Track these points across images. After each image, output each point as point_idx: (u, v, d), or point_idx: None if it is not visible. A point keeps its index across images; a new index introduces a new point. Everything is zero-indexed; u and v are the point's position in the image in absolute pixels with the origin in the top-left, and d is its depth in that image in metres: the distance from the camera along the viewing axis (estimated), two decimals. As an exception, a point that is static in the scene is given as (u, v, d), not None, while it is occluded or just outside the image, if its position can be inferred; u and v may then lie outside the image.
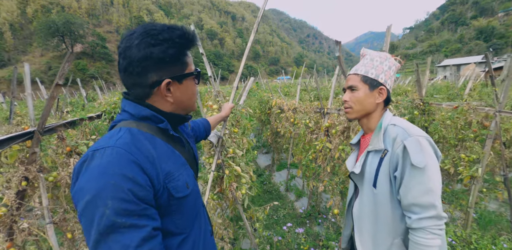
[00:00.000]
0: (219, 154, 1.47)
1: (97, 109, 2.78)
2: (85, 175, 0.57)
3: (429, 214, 0.84)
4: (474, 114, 2.93)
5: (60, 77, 1.63)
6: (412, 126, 0.95)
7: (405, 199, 0.88)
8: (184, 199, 0.72)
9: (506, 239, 2.74)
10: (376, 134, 1.00)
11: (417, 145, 0.87)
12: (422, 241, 0.84)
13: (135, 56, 0.65)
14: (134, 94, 0.73)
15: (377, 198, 0.96)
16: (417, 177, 0.85)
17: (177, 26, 0.71)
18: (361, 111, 1.05)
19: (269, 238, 2.21)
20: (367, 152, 1.02)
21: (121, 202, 0.55)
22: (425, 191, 0.85)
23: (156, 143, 0.71)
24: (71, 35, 59.38)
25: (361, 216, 1.04)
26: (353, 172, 1.04)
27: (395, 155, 0.90)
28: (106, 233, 0.54)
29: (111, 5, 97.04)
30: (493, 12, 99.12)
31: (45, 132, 1.80)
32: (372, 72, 1.02)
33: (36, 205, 1.80)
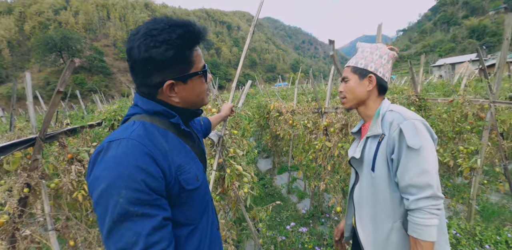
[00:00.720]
0: (220, 153, 1.49)
1: (97, 117, 2.82)
2: (100, 165, 0.60)
3: (425, 194, 0.87)
4: (469, 107, 2.97)
5: (61, 84, 1.67)
6: (408, 110, 1.00)
7: (402, 180, 0.91)
8: (194, 191, 0.74)
9: (510, 229, 2.74)
10: (374, 120, 1.04)
11: (412, 127, 0.90)
12: (420, 221, 0.86)
13: (137, 58, 0.67)
14: (142, 93, 0.75)
15: (375, 181, 0.99)
16: (413, 159, 0.88)
17: (181, 23, 0.69)
18: (354, 99, 1.11)
19: (273, 238, 2.20)
20: (366, 137, 1.06)
21: (135, 192, 0.57)
22: (421, 172, 0.87)
23: (168, 137, 0.73)
24: (69, 50, 60.16)
25: (361, 201, 1.07)
26: (353, 157, 1.08)
27: (392, 138, 0.94)
28: (120, 221, 0.56)
29: (108, 20, 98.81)
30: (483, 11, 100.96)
31: (46, 139, 1.83)
32: (362, 62, 1.09)
33: (38, 212, 1.81)
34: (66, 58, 62.79)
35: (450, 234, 2.61)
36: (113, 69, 76.37)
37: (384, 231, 0.98)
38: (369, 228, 1.03)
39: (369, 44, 1.15)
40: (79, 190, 1.99)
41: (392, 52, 1.10)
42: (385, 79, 1.08)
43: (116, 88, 69.81)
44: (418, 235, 0.87)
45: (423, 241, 0.86)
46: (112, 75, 73.90)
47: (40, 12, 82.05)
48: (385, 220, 0.98)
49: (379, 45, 1.11)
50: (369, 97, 1.09)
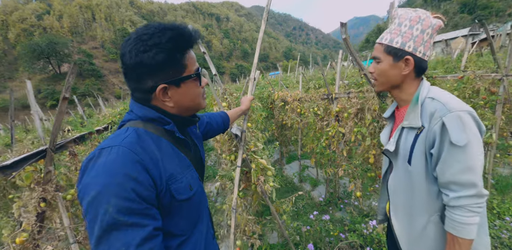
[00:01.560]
0: (243, 148, 1.43)
1: (102, 121, 2.74)
2: (91, 172, 0.59)
3: (469, 193, 0.80)
4: (481, 82, 2.90)
5: (67, 90, 1.59)
6: (453, 98, 0.87)
7: (442, 176, 0.84)
8: (187, 201, 0.72)
9: None
10: (412, 108, 0.92)
11: (457, 121, 0.80)
12: (461, 219, 0.81)
13: (129, 63, 0.66)
14: (137, 98, 0.74)
15: (412, 174, 0.92)
16: (456, 155, 0.80)
17: (172, 27, 0.68)
18: (387, 83, 0.99)
19: (298, 229, 2.18)
20: (402, 127, 0.96)
21: (124, 201, 0.56)
22: (464, 169, 0.80)
23: (162, 144, 0.71)
24: (57, 55, 58.89)
25: (396, 191, 1.01)
26: (387, 150, 0.99)
27: (432, 132, 0.84)
28: (109, 230, 0.55)
29: (94, 21, 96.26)
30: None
31: (57, 149, 1.76)
32: (398, 40, 0.91)
33: (57, 226, 1.77)
34: (55, 64, 61.73)
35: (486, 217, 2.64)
36: (104, 71, 75.22)
37: (420, 224, 0.93)
38: (404, 220, 0.98)
39: (407, 13, 0.93)
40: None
41: (438, 23, 0.91)
42: (425, 58, 0.92)
43: (109, 90, 69.05)
44: (457, 232, 0.82)
45: (461, 238, 0.82)
46: (104, 78, 72.88)
47: (22, 19, 79.75)
48: (421, 213, 0.93)
49: (421, 15, 0.91)
50: (404, 81, 0.96)
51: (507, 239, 2.26)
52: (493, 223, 2.50)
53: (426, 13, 0.91)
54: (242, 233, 1.85)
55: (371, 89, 2.13)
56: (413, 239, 0.96)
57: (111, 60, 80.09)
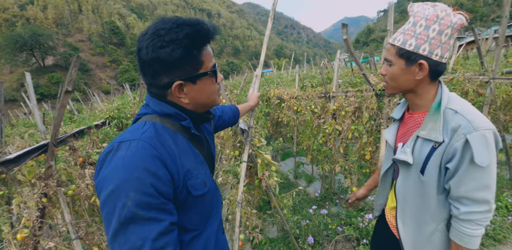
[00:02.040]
0: (249, 144, 1.46)
1: (100, 117, 2.70)
2: (109, 165, 0.59)
3: (481, 209, 0.82)
4: (469, 84, 3.03)
5: (69, 84, 1.56)
6: (476, 114, 0.82)
7: (456, 191, 0.83)
8: (201, 197, 0.73)
9: (509, 195, 2.96)
10: (432, 118, 0.86)
11: (483, 141, 0.77)
12: (469, 232, 0.83)
13: (145, 59, 0.65)
14: (152, 93, 0.73)
15: (424, 184, 0.90)
16: (474, 174, 0.79)
17: (190, 22, 0.66)
18: (398, 88, 0.93)
19: (297, 223, 2.25)
20: (417, 136, 0.90)
21: (143, 195, 0.56)
22: (480, 187, 0.80)
23: (178, 140, 0.71)
24: (40, 48, 56.58)
25: (405, 196, 0.98)
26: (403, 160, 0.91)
27: (453, 148, 0.80)
28: (126, 224, 0.55)
29: (80, 13, 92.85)
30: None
31: (57, 143, 1.73)
32: (411, 42, 0.83)
33: (59, 222, 1.75)
34: (39, 56, 59.37)
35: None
36: (91, 65, 72.95)
37: (427, 231, 0.94)
38: (411, 226, 0.98)
39: (427, 10, 0.82)
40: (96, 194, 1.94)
41: (459, 22, 0.80)
42: (443, 61, 0.84)
43: (96, 85, 67.11)
44: (464, 243, 0.85)
45: (466, 248, 0.85)
46: (91, 72, 70.74)
47: (4, 8, 75.94)
48: (429, 221, 0.93)
49: (439, 13, 0.79)
50: (419, 85, 0.89)
51: (491, 230, 2.41)
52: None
53: (446, 10, 0.80)
54: (244, 227, 1.89)
55: (370, 89, 2.21)
56: (418, 244, 0.97)
57: (98, 54, 77.72)
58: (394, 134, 1.06)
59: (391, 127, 1.10)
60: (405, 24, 0.88)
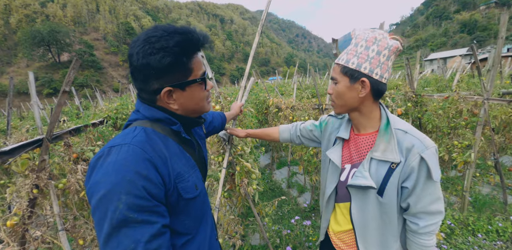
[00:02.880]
0: (230, 151, 1.53)
1: (99, 115, 2.81)
2: (100, 170, 0.59)
3: (436, 220, 0.88)
4: (464, 103, 3.06)
5: (67, 84, 1.66)
6: (422, 134, 0.89)
7: (414, 208, 0.88)
8: (192, 200, 0.74)
9: (501, 219, 2.90)
10: (384, 139, 0.90)
11: (434, 158, 0.84)
12: (427, 243, 0.90)
13: (136, 65, 0.67)
14: (143, 98, 0.76)
15: (383, 206, 0.92)
16: (430, 189, 0.86)
17: (181, 30, 0.68)
18: (345, 106, 0.95)
19: (279, 232, 2.27)
20: (371, 158, 0.92)
21: (135, 198, 0.57)
22: (434, 200, 0.87)
23: (169, 144, 0.73)
24: (57, 44, 58.37)
25: (365, 223, 0.97)
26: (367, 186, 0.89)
27: (410, 167, 0.85)
28: (119, 227, 0.55)
29: (97, 12, 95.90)
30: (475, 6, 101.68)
31: (53, 139, 1.83)
32: (354, 61, 0.88)
33: (47, 213, 1.83)
34: (55, 52, 61.13)
35: (445, 224, 2.74)
36: (104, 63, 74.67)
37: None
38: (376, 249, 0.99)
39: (365, 33, 0.90)
40: (86, 189, 2.02)
41: (394, 45, 0.87)
42: (383, 81, 0.88)
43: (108, 83, 68.49)
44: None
45: None
46: (103, 70, 72.32)
47: (26, 4, 79.01)
48: (393, 241, 0.96)
49: (377, 36, 0.87)
50: (363, 104, 0.93)
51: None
52: (466, 239, 2.60)
53: (383, 34, 0.88)
54: (225, 232, 1.93)
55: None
56: None
57: (112, 53, 79.60)
58: (340, 155, 1.04)
59: (335, 148, 1.07)
60: (348, 46, 0.93)
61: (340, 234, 1.09)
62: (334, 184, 1.06)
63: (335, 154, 1.05)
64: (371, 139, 0.96)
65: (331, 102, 1.01)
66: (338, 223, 1.09)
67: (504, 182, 3.17)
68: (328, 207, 1.12)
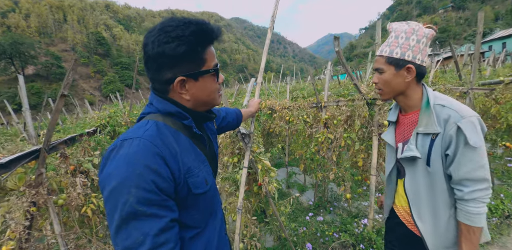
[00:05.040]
0: (250, 149, 1.48)
1: (90, 124, 2.63)
2: (113, 162, 0.61)
3: (481, 186, 0.93)
4: (450, 95, 3.24)
5: (65, 87, 1.55)
6: (460, 105, 0.97)
7: (456, 174, 0.94)
8: (202, 195, 0.74)
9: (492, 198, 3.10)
10: (425, 115, 1.00)
11: (472, 126, 0.90)
12: (474, 210, 0.93)
13: (151, 53, 0.67)
14: (155, 89, 0.75)
15: (432, 175, 1.00)
16: (470, 155, 0.91)
17: (196, 21, 0.70)
18: (392, 92, 1.06)
19: (295, 230, 2.23)
20: (416, 133, 1.02)
21: (144, 191, 0.58)
22: (477, 167, 0.92)
23: (180, 138, 0.73)
24: (21, 56, 54.72)
25: (417, 193, 1.05)
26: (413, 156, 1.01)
27: (448, 136, 0.93)
28: (128, 219, 0.57)
29: (65, 22, 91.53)
30: (434, 10, 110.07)
31: (50, 149, 1.68)
32: (397, 51, 1.00)
33: (48, 233, 1.65)
34: (18, 65, 57.29)
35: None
36: (74, 75, 71.02)
37: (444, 219, 1.02)
38: (429, 219, 1.04)
39: (402, 26, 1.02)
40: (88, 204, 1.86)
41: (431, 32, 1.00)
42: (423, 64, 1.01)
43: (79, 96, 65.07)
44: (471, 222, 0.94)
45: (474, 227, 0.94)
46: (74, 82, 68.80)
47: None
48: (444, 209, 1.01)
49: (414, 27, 1.00)
50: (409, 87, 1.04)
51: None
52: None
53: (419, 25, 1.01)
54: (242, 236, 1.86)
55: (361, 98, 2.31)
56: (439, 235, 1.03)
57: (82, 64, 76.14)
58: (393, 136, 1.17)
59: (389, 130, 1.21)
60: (387, 39, 1.06)
61: (405, 207, 1.17)
62: (393, 163, 1.18)
63: (388, 136, 1.18)
64: (416, 116, 1.06)
65: (377, 91, 1.11)
66: (402, 195, 1.17)
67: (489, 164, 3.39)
68: (390, 184, 1.22)
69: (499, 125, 4.02)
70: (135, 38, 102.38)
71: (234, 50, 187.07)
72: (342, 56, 2.07)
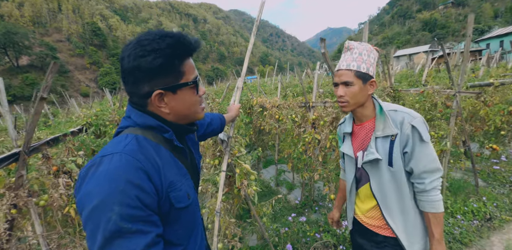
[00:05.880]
0: (229, 153, 1.49)
1: (76, 123, 2.62)
2: (92, 180, 0.58)
3: (438, 176, 1.06)
4: (438, 97, 3.27)
5: (44, 90, 1.54)
6: (409, 109, 1.11)
7: (416, 168, 1.05)
8: (184, 209, 0.73)
9: (474, 200, 3.17)
10: (381, 120, 1.10)
11: (423, 124, 1.05)
12: (436, 198, 1.05)
13: (127, 67, 0.67)
14: (133, 103, 0.74)
15: (395, 174, 1.09)
16: (424, 150, 1.04)
17: (173, 34, 0.69)
18: (357, 104, 1.13)
19: (277, 230, 2.28)
20: (375, 137, 1.11)
21: (128, 208, 0.56)
22: (432, 160, 1.05)
23: (161, 152, 0.71)
24: (14, 46, 53.63)
25: (386, 194, 1.13)
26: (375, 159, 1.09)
27: (405, 135, 1.04)
28: (112, 239, 0.54)
29: (60, 12, 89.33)
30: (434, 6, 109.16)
31: (30, 151, 1.67)
32: (364, 66, 1.09)
33: (29, 234, 1.67)
34: (12, 56, 56.23)
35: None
36: (69, 66, 69.98)
37: (411, 214, 1.11)
38: (399, 216, 1.12)
39: (362, 45, 1.14)
40: (70, 204, 1.87)
41: (378, 54, 1.16)
42: None
43: (74, 87, 64.32)
44: (436, 209, 1.05)
45: (438, 213, 1.05)
46: (69, 74, 67.80)
47: (-26, 4, 71.81)
48: (410, 204, 1.11)
49: (370, 46, 1.13)
50: (368, 99, 1.14)
51: (458, 234, 2.57)
52: (447, 221, 2.81)
53: (370, 46, 1.15)
54: (223, 236, 1.90)
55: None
56: (410, 230, 1.11)
57: (77, 55, 74.90)
58: (351, 147, 1.24)
59: (345, 142, 1.28)
60: (351, 54, 1.12)
61: (368, 212, 1.23)
62: (353, 173, 1.24)
63: (346, 147, 1.25)
64: (372, 123, 1.16)
65: (341, 103, 1.15)
66: (363, 202, 1.25)
67: (475, 166, 3.45)
68: (352, 196, 1.29)
69: (487, 127, 4.08)
70: (131, 29, 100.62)
71: (232, 42, 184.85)
72: (328, 58, 2.06)
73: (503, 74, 5.52)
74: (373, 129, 1.14)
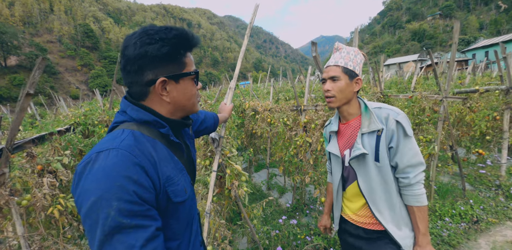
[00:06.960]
0: (220, 153, 1.48)
1: (64, 122, 2.56)
2: (89, 177, 0.58)
3: (421, 169, 1.09)
4: (426, 102, 3.36)
5: (31, 86, 1.51)
6: (392, 106, 1.16)
7: (401, 163, 1.08)
8: (181, 204, 0.73)
9: (462, 203, 3.25)
10: (366, 117, 1.14)
11: (406, 120, 1.09)
12: (419, 192, 1.08)
13: (131, 55, 0.67)
14: (133, 93, 0.74)
15: (382, 169, 1.11)
16: (408, 144, 1.08)
17: (176, 27, 0.72)
18: (343, 99, 1.16)
19: (268, 233, 2.25)
20: (361, 134, 1.14)
21: (126, 203, 0.56)
22: (415, 154, 1.08)
23: (157, 147, 0.71)
24: (3, 46, 52.55)
25: (373, 190, 1.14)
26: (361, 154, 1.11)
27: (390, 130, 1.08)
28: (111, 234, 0.54)
29: (51, 13, 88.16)
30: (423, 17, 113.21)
31: (14, 149, 1.62)
32: (350, 64, 1.14)
33: (9, 235, 1.60)
34: (0, 55, 54.89)
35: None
36: (59, 68, 68.75)
37: (397, 206, 1.13)
38: (386, 210, 1.13)
39: (349, 47, 1.21)
40: (54, 205, 1.81)
41: (364, 58, 1.22)
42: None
43: (64, 89, 63.09)
44: (420, 203, 1.08)
45: (423, 206, 1.08)
46: (59, 75, 66.54)
47: (-38, 2, 70.10)
48: (396, 198, 1.13)
49: (357, 49, 1.20)
50: (353, 97, 1.18)
51: (446, 236, 2.60)
52: (436, 224, 2.85)
53: (358, 49, 1.21)
54: (213, 239, 1.86)
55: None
56: (399, 225, 1.12)
57: (68, 56, 73.70)
58: (337, 146, 1.26)
59: (331, 142, 1.29)
60: (339, 53, 1.19)
61: (360, 211, 1.23)
62: (340, 173, 1.25)
63: (332, 147, 1.26)
64: (358, 121, 1.19)
65: (329, 98, 1.17)
66: (352, 202, 1.25)
67: (462, 170, 3.53)
68: (338, 195, 1.30)
69: (473, 132, 4.21)
70: (124, 32, 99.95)
71: (226, 48, 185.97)
72: (319, 61, 2.10)
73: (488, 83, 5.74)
74: (359, 127, 1.17)
